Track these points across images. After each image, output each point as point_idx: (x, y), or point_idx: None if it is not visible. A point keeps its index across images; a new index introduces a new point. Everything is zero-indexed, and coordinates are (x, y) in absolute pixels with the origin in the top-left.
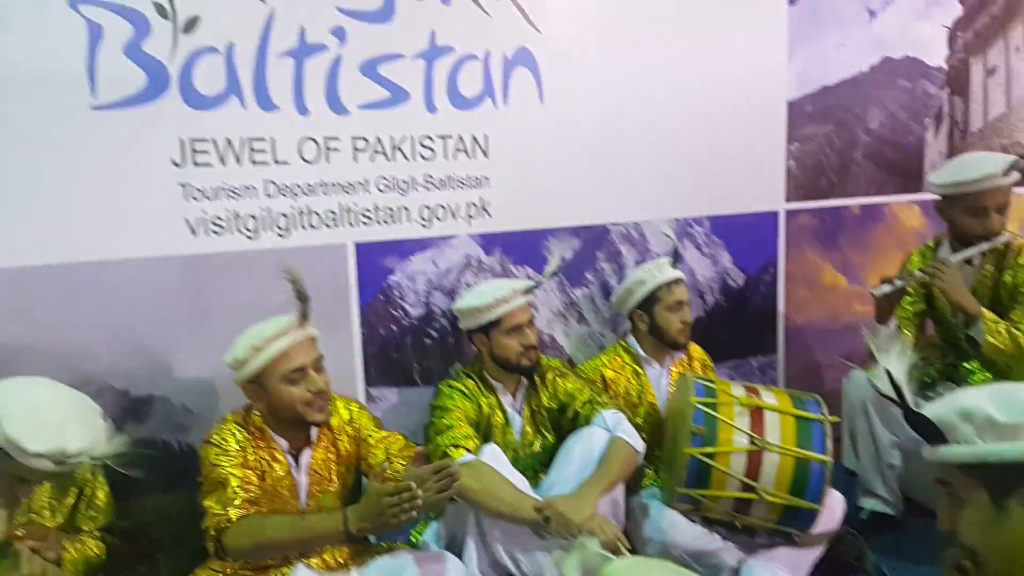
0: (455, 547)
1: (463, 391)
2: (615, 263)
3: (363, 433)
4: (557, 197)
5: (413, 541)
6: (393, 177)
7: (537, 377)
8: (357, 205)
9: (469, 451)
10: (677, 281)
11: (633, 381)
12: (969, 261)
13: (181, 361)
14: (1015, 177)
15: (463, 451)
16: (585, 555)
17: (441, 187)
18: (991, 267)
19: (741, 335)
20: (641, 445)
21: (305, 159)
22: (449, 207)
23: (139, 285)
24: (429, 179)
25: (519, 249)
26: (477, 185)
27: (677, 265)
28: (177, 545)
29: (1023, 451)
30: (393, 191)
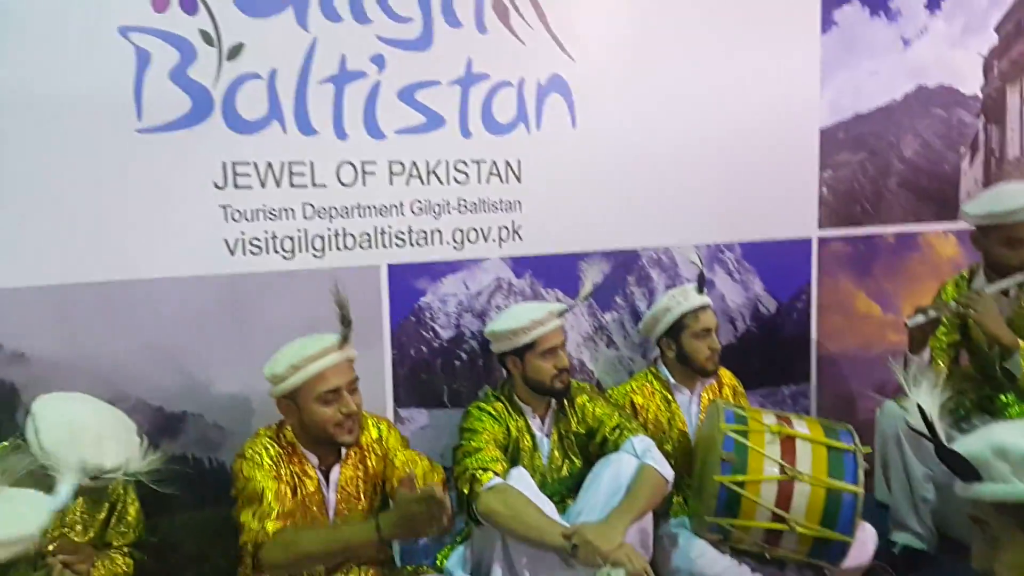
0: (481, 572)
1: (492, 413)
2: (645, 288)
3: (391, 454)
4: (588, 221)
5: (439, 565)
6: (427, 200)
7: (566, 401)
8: (391, 227)
9: (497, 474)
10: (704, 308)
11: (663, 408)
12: (1005, 292)
13: (216, 378)
14: None
15: (491, 474)
16: None
17: (474, 210)
18: None
19: (773, 363)
20: (670, 473)
21: (342, 182)
22: (481, 230)
23: (177, 303)
24: (462, 202)
25: (549, 272)
26: (509, 209)
27: (705, 291)
28: (205, 562)
29: None
30: (427, 214)
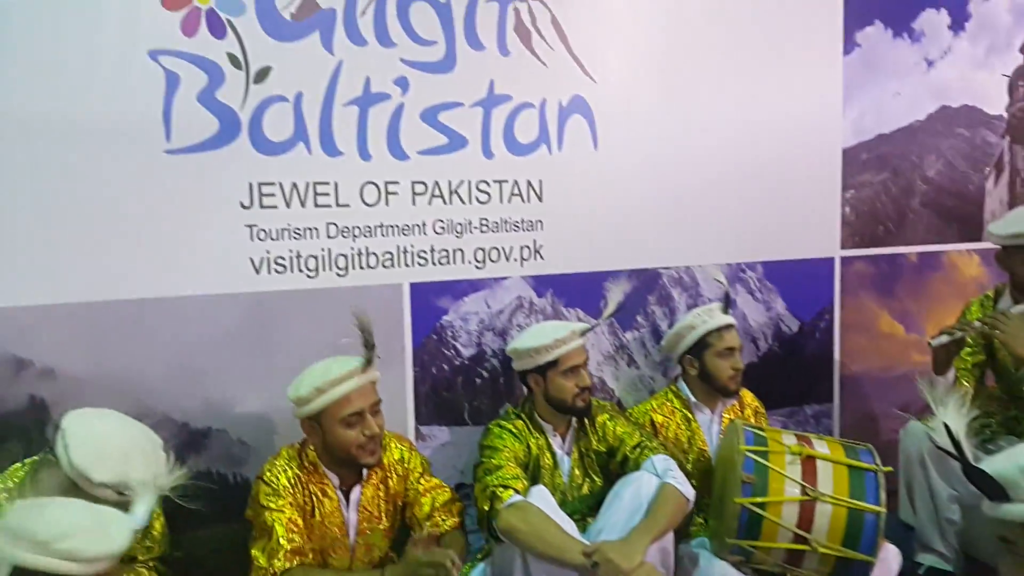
0: None
1: (513, 431)
2: (666, 307)
3: (412, 477)
4: (609, 241)
5: None
6: (449, 220)
7: (587, 420)
8: (414, 247)
9: (517, 492)
10: (728, 327)
11: (683, 427)
12: None
13: (240, 395)
14: None
15: (512, 491)
16: None
17: (495, 230)
18: None
19: (795, 382)
20: (691, 492)
21: (366, 202)
22: (503, 249)
23: (203, 321)
24: (484, 222)
25: (570, 291)
26: (531, 228)
27: (729, 311)
28: None
29: None
30: (449, 233)
